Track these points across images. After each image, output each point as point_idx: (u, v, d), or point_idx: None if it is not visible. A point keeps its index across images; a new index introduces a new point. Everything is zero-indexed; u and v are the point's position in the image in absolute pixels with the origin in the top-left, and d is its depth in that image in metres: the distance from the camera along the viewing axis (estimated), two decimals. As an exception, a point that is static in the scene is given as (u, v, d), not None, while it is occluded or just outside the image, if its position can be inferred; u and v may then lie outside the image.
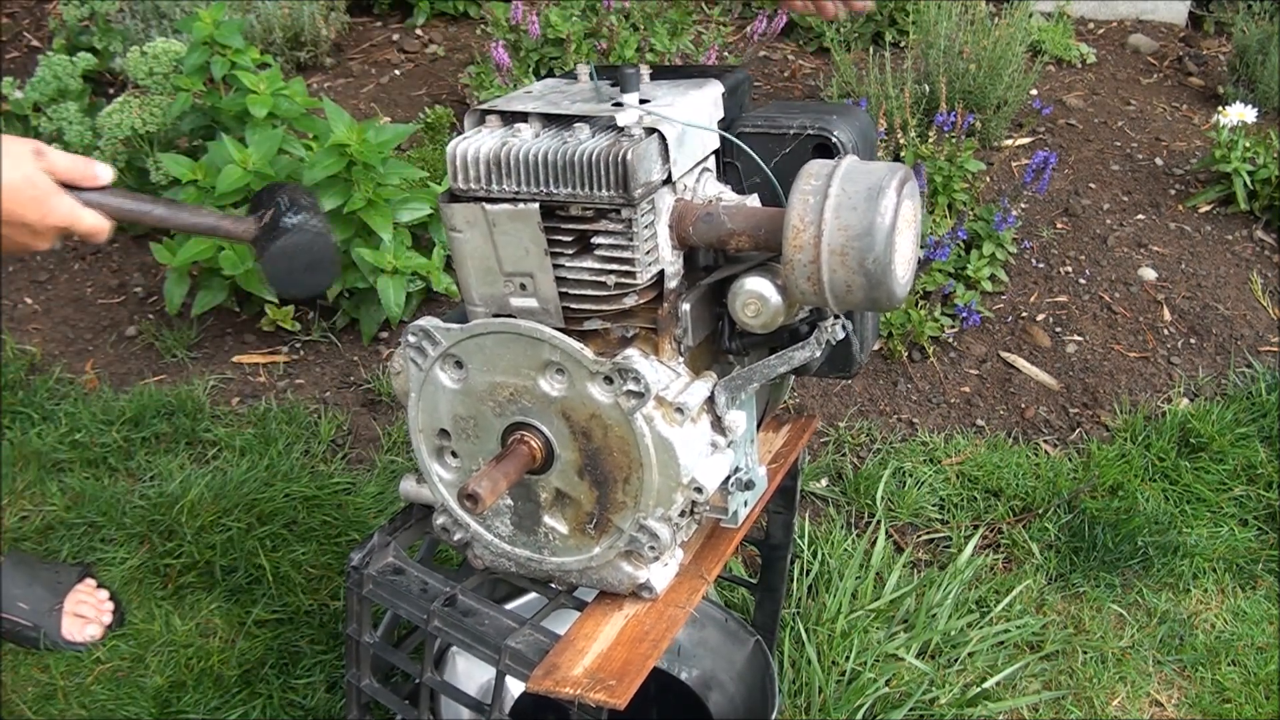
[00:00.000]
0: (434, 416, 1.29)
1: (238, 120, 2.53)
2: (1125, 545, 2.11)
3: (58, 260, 2.82)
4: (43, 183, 1.18)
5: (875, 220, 1.06)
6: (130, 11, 3.24)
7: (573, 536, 1.30)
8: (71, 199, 1.21)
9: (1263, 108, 3.14)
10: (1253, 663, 1.94)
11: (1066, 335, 2.56)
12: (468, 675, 1.63)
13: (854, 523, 2.17)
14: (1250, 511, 2.22)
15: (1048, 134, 3.14)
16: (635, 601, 1.33)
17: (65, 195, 1.20)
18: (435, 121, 2.94)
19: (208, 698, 1.80)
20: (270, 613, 1.94)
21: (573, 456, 1.24)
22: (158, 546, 2.05)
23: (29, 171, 1.17)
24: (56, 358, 2.53)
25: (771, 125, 1.27)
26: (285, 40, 3.29)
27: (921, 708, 1.82)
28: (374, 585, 1.41)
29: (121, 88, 3.11)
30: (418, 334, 1.25)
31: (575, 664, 1.24)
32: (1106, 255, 2.75)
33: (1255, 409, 2.39)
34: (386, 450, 2.28)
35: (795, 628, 1.90)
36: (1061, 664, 1.93)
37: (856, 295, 1.10)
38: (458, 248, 1.21)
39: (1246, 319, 2.61)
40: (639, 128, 1.13)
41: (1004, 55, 2.96)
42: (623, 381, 1.17)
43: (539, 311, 1.21)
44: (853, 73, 3.11)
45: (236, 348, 2.53)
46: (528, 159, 1.14)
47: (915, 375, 2.47)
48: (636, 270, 1.16)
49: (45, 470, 2.22)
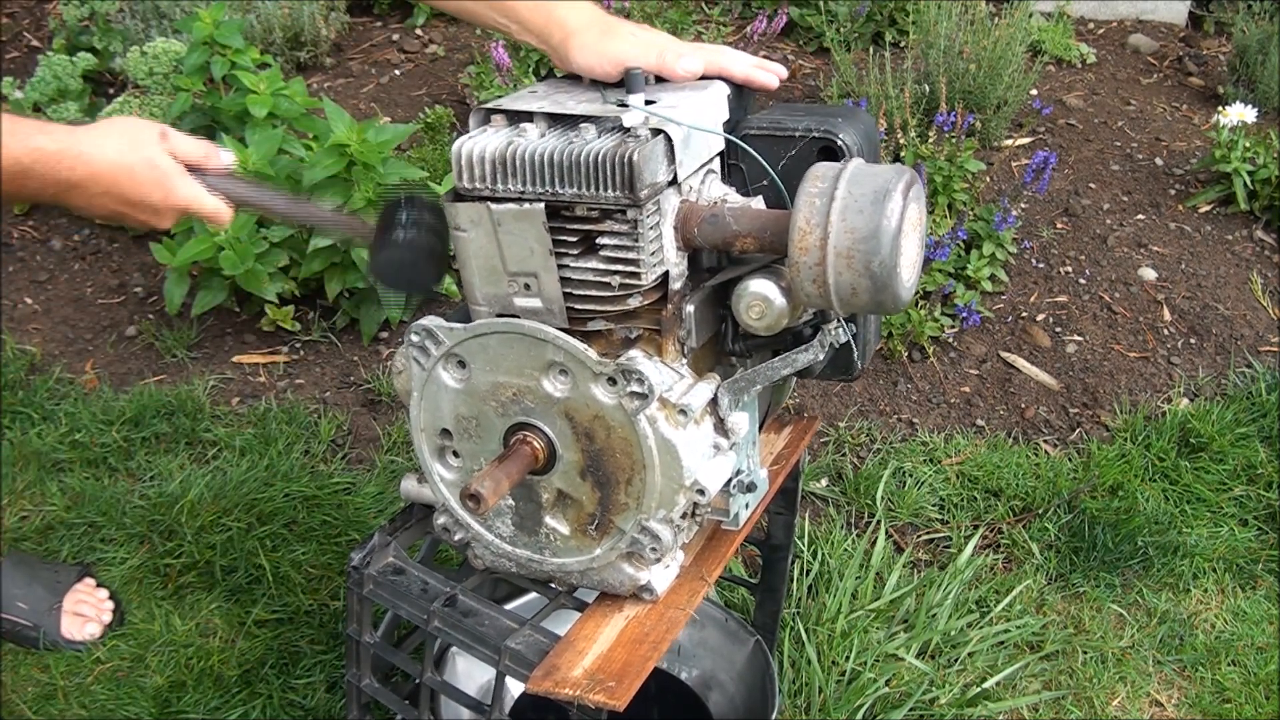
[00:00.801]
0: (436, 416, 1.29)
1: (238, 120, 2.53)
2: (1125, 545, 2.11)
3: (58, 260, 2.82)
4: (166, 164, 1.23)
5: (881, 223, 1.06)
6: (130, 11, 3.24)
7: (574, 537, 1.29)
8: (195, 182, 1.25)
9: (1263, 108, 3.14)
10: (1253, 663, 1.94)
11: (1066, 335, 2.57)
12: (467, 675, 1.63)
13: (854, 523, 2.17)
14: (1250, 511, 2.22)
15: (1048, 134, 3.15)
16: (636, 603, 1.33)
17: (189, 178, 1.24)
18: (435, 121, 2.94)
19: (208, 698, 1.80)
20: (270, 613, 1.93)
21: (575, 457, 1.24)
22: (158, 546, 2.05)
23: (151, 153, 1.22)
24: (56, 358, 2.52)
25: (777, 127, 1.27)
26: (285, 40, 3.28)
27: (921, 708, 1.82)
28: (374, 585, 1.41)
29: (121, 88, 3.10)
30: (420, 333, 1.25)
31: (575, 665, 1.24)
32: (1106, 255, 2.75)
33: (1255, 409, 2.39)
34: (386, 450, 2.28)
35: (795, 628, 1.90)
36: (1061, 664, 1.93)
37: (862, 298, 1.10)
38: (462, 247, 1.21)
39: (1246, 319, 2.62)
40: (645, 129, 1.13)
41: (1004, 55, 2.96)
42: (626, 383, 1.17)
43: (543, 311, 1.21)
44: (853, 73, 3.11)
45: (236, 348, 2.53)
46: (533, 159, 1.14)
47: (915, 375, 2.47)
48: (641, 271, 1.15)
49: (45, 470, 2.21)
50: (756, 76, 1.29)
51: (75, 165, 1.18)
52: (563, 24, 1.29)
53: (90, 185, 1.19)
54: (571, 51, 1.28)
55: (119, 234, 2.86)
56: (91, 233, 2.88)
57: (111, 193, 1.21)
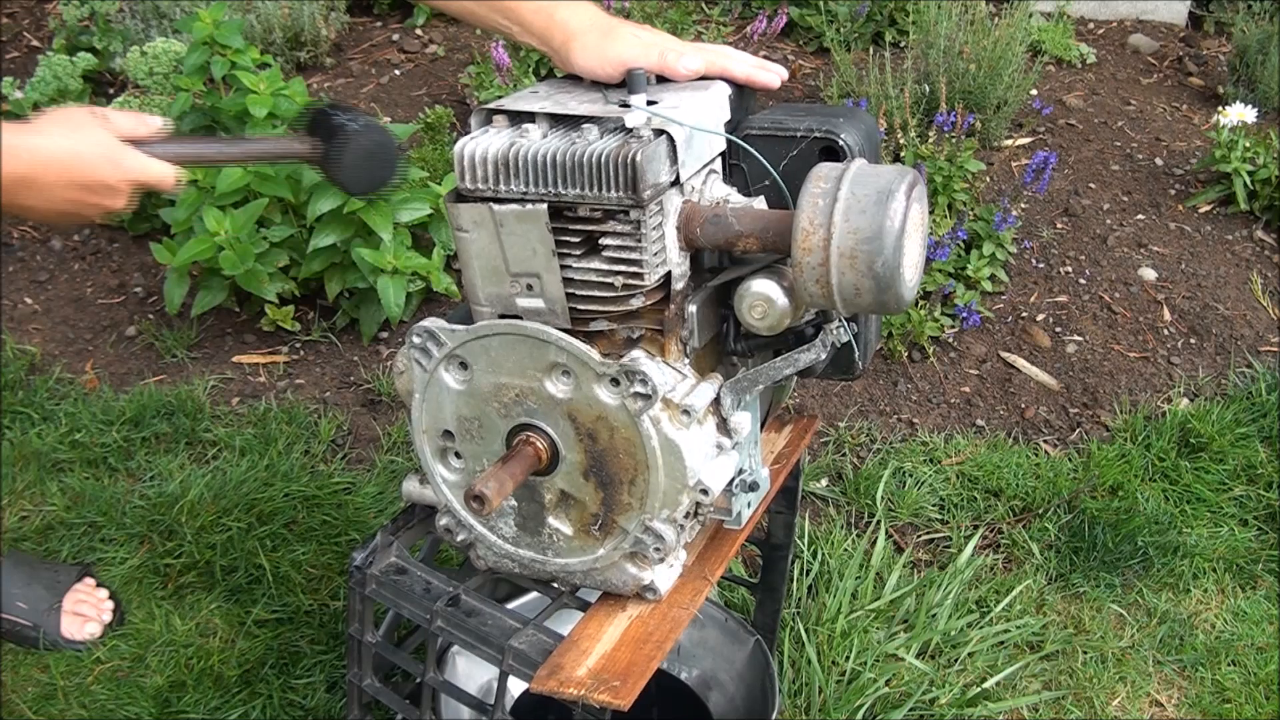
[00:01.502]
0: (438, 417, 1.29)
1: (238, 120, 2.52)
2: (1125, 545, 2.11)
3: (58, 260, 2.82)
4: (109, 142, 1.24)
5: (885, 223, 1.06)
6: (130, 11, 3.24)
7: (577, 538, 1.29)
8: (138, 152, 1.25)
9: (1263, 108, 3.14)
10: (1253, 663, 1.94)
11: (1066, 335, 2.57)
12: (468, 675, 1.63)
13: (854, 523, 2.17)
14: (1250, 511, 2.23)
15: (1048, 134, 3.15)
16: (639, 602, 1.33)
17: (132, 149, 1.25)
18: (435, 121, 2.94)
19: (208, 698, 1.79)
20: (270, 613, 1.93)
21: (578, 458, 1.24)
22: (158, 546, 2.04)
23: (93, 133, 1.23)
24: (56, 358, 2.52)
25: (778, 128, 1.27)
26: (285, 40, 3.28)
27: (921, 708, 1.82)
28: (377, 585, 1.41)
29: (121, 88, 3.10)
30: (422, 335, 1.25)
31: (579, 664, 1.24)
32: (1106, 255, 2.75)
33: (1255, 409, 2.40)
34: (386, 450, 2.28)
35: (795, 628, 1.90)
36: (1061, 664, 1.93)
37: (865, 298, 1.10)
38: (464, 247, 1.21)
39: (1246, 319, 2.62)
40: (648, 129, 1.13)
41: (1004, 55, 2.96)
42: (630, 383, 1.17)
43: (545, 312, 1.20)
44: (853, 73, 3.11)
45: (236, 348, 2.53)
46: (536, 159, 1.14)
47: (915, 375, 2.47)
48: (644, 271, 1.15)
49: (45, 470, 2.21)
50: (758, 77, 1.29)
51: (24, 157, 1.18)
52: (564, 27, 1.30)
53: (43, 175, 1.20)
54: (573, 54, 1.28)
55: (119, 234, 2.86)
56: (91, 233, 2.88)
57: (64, 179, 1.21)
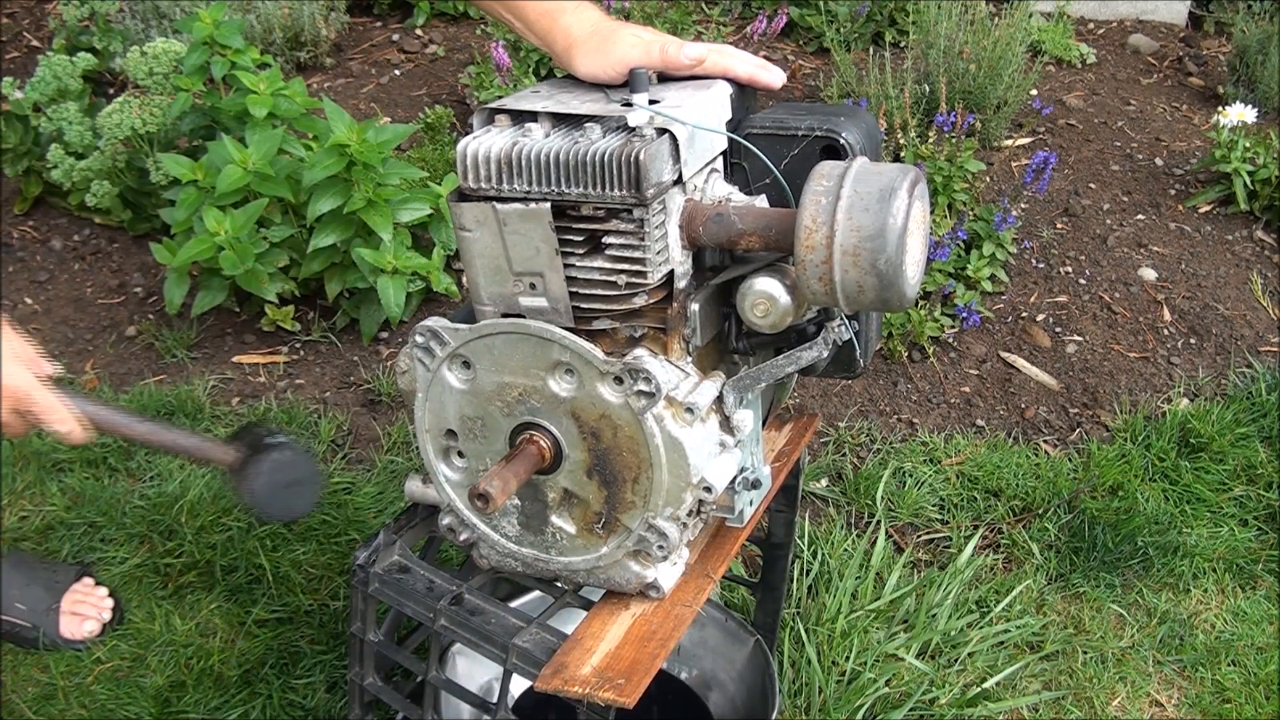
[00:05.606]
0: (441, 417, 1.29)
1: (238, 120, 2.52)
2: (1125, 545, 2.11)
3: (58, 260, 2.82)
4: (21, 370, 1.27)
5: (887, 221, 1.06)
6: (130, 11, 3.24)
7: (580, 536, 1.29)
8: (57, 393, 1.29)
9: (1263, 108, 3.15)
10: (1253, 663, 1.95)
11: (1066, 335, 2.57)
12: (469, 674, 1.63)
13: (854, 523, 2.17)
14: (1250, 511, 2.23)
15: (1048, 134, 3.15)
16: (642, 600, 1.32)
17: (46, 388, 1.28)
18: (435, 121, 2.94)
19: (208, 698, 1.79)
20: (270, 613, 1.93)
21: (581, 456, 1.24)
22: (158, 546, 2.04)
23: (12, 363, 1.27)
24: (56, 358, 2.52)
25: (780, 127, 1.27)
26: (285, 40, 3.28)
27: (921, 708, 1.82)
28: (380, 583, 1.41)
29: (121, 88, 3.10)
30: (425, 334, 1.25)
31: (583, 663, 1.24)
32: (1106, 255, 2.76)
33: (1255, 409, 2.40)
34: (386, 450, 2.28)
35: (795, 628, 1.90)
36: (1061, 664, 1.93)
37: (868, 296, 1.10)
38: (467, 247, 1.20)
39: (1246, 319, 2.62)
40: (650, 128, 1.13)
41: (1004, 55, 2.97)
42: (633, 381, 1.17)
43: (548, 311, 1.20)
44: (853, 73, 3.11)
45: (236, 348, 2.53)
46: (539, 158, 1.14)
47: (915, 375, 2.47)
48: (647, 270, 1.16)
49: (45, 470, 2.21)
50: (760, 76, 1.29)
51: None
52: (566, 33, 1.30)
53: None
54: (575, 59, 1.29)
55: (119, 234, 2.86)
56: (91, 233, 2.88)
57: None
